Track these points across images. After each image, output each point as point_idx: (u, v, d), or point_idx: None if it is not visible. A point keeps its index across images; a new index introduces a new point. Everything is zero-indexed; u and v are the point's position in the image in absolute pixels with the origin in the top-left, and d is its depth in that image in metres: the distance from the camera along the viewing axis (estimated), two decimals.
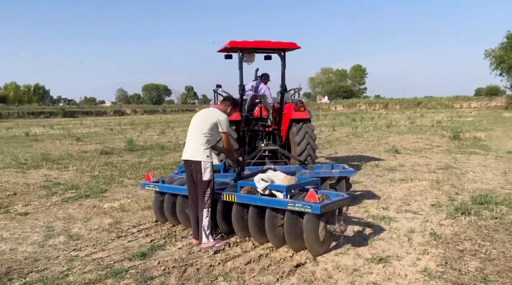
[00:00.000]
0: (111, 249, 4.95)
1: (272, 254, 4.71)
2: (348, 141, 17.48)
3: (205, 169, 4.90)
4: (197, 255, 4.70)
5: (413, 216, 6.13)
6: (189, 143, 5.02)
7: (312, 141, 8.26)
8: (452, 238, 5.11)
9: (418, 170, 10.12)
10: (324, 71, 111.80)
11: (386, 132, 21.57)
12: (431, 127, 23.92)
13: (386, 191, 7.83)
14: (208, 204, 4.89)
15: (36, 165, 11.81)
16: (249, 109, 8.69)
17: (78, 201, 7.42)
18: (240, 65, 8.16)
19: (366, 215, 6.27)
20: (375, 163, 11.19)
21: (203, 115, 5.10)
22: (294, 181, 4.93)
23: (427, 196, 7.35)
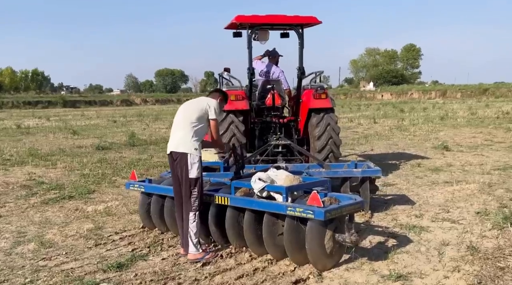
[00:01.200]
0: (85, 258, 5.04)
1: (270, 268, 4.69)
2: (389, 136, 17.22)
3: (192, 164, 4.90)
4: (182, 268, 4.73)
5: (451, 226, 5.98)
6: (174, 133, 5.04)
7: (335, 135, 8.16)
8: (493, 253, 4.95)
9: (468, 170, 9.86)
10: (369, 52, 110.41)
11: (439, 125, 21.14)
12: (496, 119, 23.30)
13: (423, 196, 7.67)
14: (195, 207, 4.90)
15: (21, 161, 12.17)
16: (260, 97, 8.66)
17: (60, 203, 7.60)
18: (249, 44, 8.12)
19: (393, 223, 6.15)
20: (417, 162, 10.97)
21: (191, 103, 5.12)
22: (298, 181, 4.88)
23: (473, 202, 7.16)
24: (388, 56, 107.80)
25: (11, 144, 16.35)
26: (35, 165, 11.60)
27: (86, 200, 7.75)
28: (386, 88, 77.99)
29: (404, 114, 29.73)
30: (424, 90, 70.51)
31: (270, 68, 8.87)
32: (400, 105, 42.69)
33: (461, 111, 30.09)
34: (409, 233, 5.73)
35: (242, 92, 8.12)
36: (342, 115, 30.02)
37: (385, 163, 11.15)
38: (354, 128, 21.09)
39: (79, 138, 18.43)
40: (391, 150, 13.67)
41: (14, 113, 43.75)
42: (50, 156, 13.09)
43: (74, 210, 7.14)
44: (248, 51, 8.16)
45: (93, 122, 28.41)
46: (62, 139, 18.22)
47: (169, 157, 5.07)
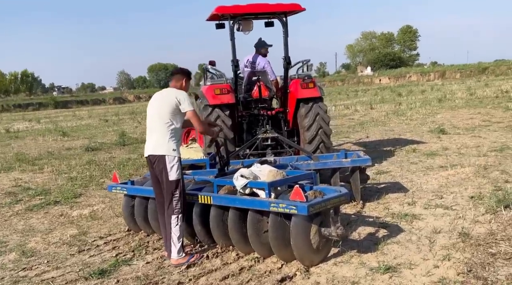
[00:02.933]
0: (67, 266, 5.01)
1: (256, 266, 4.65)
2: (385, 122, 17.16)
3: (171, 166, 4.83)
4: (166, 271, 4.69)
5: (444, 213, 5.94)
6: (151, 135, 4.95)
7: (325, 125, 8.11)
8: (485, 239, 4.92)
9: (464, 153, 9.82)
10: (365, 36, 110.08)
11: (437, 107, 21.06)
12: (495, 99, 23.21)
13: (417, 182, 7.63)
14: (177, 210, 4.83)
15: (8, 167, 12.12)
16: (246, 89, 8.59)
17: (45, 209, 7.55)
18: (231, 36, 8.04)
19: (385, 212, 6.12)
20: (413, 147, 10.93)
21: (159, 99, 4.98)
22: (281, 176, 4.83)
23: (467, 186, 7.12)
24: (385, 39, 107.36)
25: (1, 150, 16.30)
26: (22, 171, 11.54)
27: (72, 205, 7.70)
28: (383, 72, 77.78)
29: (401, 98, 29.64)
30: (423, 72, 70.28)
31: (255, 59, 8.79)
32: (398, 89, 42.59)
33: (460, 92, 29.98)
34: (400, 222, 5.70)
35: (227, 85, 8.06)
36: (339, 102, 29.99)
37: (380, 150, 11.11)
38: (350, 115, 21.02)
39: (69, 140, 18.37)
40: (386, 136, 13.62)
41: (4, 117, 43.65)
42: (38, 160, 13.03)
43: (58, 215, 7.10)
44: (231, 42, 8.08)
45: (84, 122, 28.35)
46: (51, 142, 18.16)
47: (148, 160, 5.00)
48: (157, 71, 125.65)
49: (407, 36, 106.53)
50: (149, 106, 5.05)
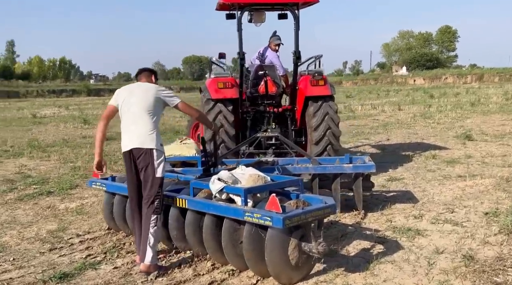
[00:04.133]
0: (32, 266, 4.64)
1: (229, 280, 4.19)
2: (411, 124, 16.39)
3: (159, 162, 4.43)
4: (131, 279, 4.27)
5: (452, 229, 5.34)
6: (133, 128, 4.50)
7: (334, 125, 7.54)
8: (492, 265, 4.31)
9: (488, 163, 9.09)
10: (402, 35, 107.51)
11: (468, 111, 20.11)
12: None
13: (430, 192, 7.01)
14: (158, 210, 4.42)
15: (19, 153, 11.98)
16: (253, 84, 8.09)
17: (36, 199, 7.26)
18: (238, 27, 7.56)
19: (387, 225, 5.56)
20: (433, 153, 10.24)
21: (141, 92, 4.56)
22: (263, 181, 4.33)
23: (484, 200, 6.47)
24: (422, 39, 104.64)
25: (18, 134, 16.27)
26: (31, 157, 11.37)
27: (63, 197, 7.39)
28: (419, 72, 75.68)
29: (433, 100, 28.56)
30: (460, 74, 67.95)
31: (265, 52, 8.29)
32: (431, 90, 41.16)
33: (495, 96, 28.67)
34: (401, 237, 5.13)
35: (231, 79, 7.59)
36: (367, 101, 29.15)
37: (398, 154, 10.47)
38: (376, 115, 20.26)
39: (89, 128, 18.20)
40: (408, 139, 12.91)
41: (37, 102, 44.19)
42: (50, 147, 12.87)
43: (46, 207, 6.78)
44: (238, 33, 7.61)
45: None
46: (71, 129, 18.07)
47: (126, 155, 4.56)
48: (191, 63, 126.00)
49: (446, 37, 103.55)
50: (127, 96, 4.60)
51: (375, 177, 8.03)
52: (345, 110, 22.92)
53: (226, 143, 7.30)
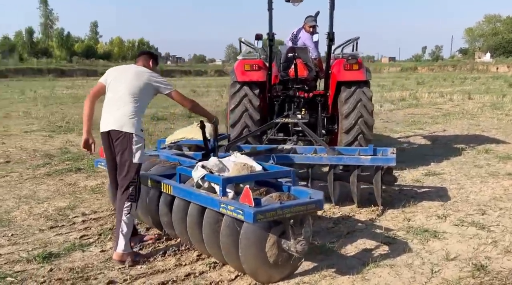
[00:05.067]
0: (26, 243, 4.64)
1: (208, 274, 3.95)
2: (476, 115, 15.24)
3: (137, 148, 4.26)
4: (109, 265, 4.13)
5: (475, 234, 4.77)
6: (114, 109, 4.33)
7: (366, 114, 7.02)
8: (504, 277, 3.78)
9: None
10: (488, 19, 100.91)
11: None
12: None
13: (467, 190, 6.39)
14: (132, 197, 4.25)
15: (71, 129, 12.40)
16: (284, 67, 7.71)
17: (63, 175, 7.38)
18: (269, 5, 7.19)
19: (403, 224, 5.08)
20: (488, 147, 9.39)
21: (131, 74, 4.37)
22: (248, 171, 4.03)
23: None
24: (511, 23, 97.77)
25: (77, 111, 16.83)
26: (80, 133, 11.60)
27: (89, 175, 7.45)
28: (504, 60, 70.85)
29: (511, 89, 26.54)
30: None
31: (298, 33, 7.88)
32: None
33: None
34: (413, 239, 4.66)
35: (259, 61, 7.25)
36: (437, 89, 27.60)
37: (448, 146, 9.71)
38: (441, 104, 19.09)
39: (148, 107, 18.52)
40: (466, 131, 11.98)
41: None
42: None
43: (68, 184, 6.86)
44: (269, 13, 7.24)
45: None
46: None
47: (104, 136, 4.41)
48: None
49: None
50: (115, 79, 4.44)
51: (412, 171, 7.52)
52: (409, 98, 21.85)
53: (250, 128, 7.01)
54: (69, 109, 18.02)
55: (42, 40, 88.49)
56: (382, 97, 22.44)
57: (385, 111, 16.90)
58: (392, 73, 66.97)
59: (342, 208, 5.71)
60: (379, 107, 18.01)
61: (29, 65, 55.86)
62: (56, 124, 13.28)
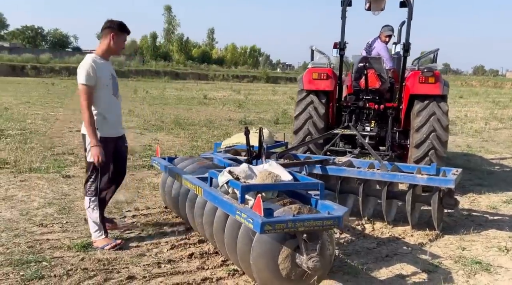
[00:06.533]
0: (75, 231, 4.84)
1: (225, 281, 3.89)
2: None
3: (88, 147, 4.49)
4: (137, 261, 4.22)
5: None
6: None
7: (439, 128, 6.54)
8: None
9: None
10: None
11: None
12: None
13: None
14: (90, 192, 4.54)
15: (161, 127, 13.02)
16: (355, 77, 7.43)
17: (136, 171, 7.73)
18: (343, 14, 7.01)
19: (454, 253, 4.64)
20: None
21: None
22: (272, 180, 3.90)
23: None
24: None
25: (176, 112, 17.65)
26: (168, 133, 12.24)
27: (159, 172, 7.71)
28: None
29: None
30: None
31: (373, 43, 7.56)
32: None
33: None
34: (458, 271, 4.23)
35: (328, 70, 7.08)
36: None
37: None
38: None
39: (240, 112, 18.93)
40: None
41: (220, 84, 47.70)
42: (190, 126, 13.69)
43: (137, 180, 7.17)
44: (342, 21, 7.06)
45: (275, 98, 29.11)
46: (225, 111, 19.00)
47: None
48: None
49: None
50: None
51: (491, 196, 6.89)
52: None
53: (313, 135, 6.87)
54: (169, 109, 18.92)
55: (164, 44, 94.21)
56: (491, 114, 20.86)
57: (489, 130, 15.65)
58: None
59: (394, 229, 5.36)
60: (483, 125, 16.79)
61: (148, 67, 59.65)
62: (151, 123, 14.01)
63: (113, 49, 4.52)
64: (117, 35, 4.46)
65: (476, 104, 28.37)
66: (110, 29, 4.45)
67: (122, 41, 4.53)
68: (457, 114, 20.59)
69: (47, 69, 48.40)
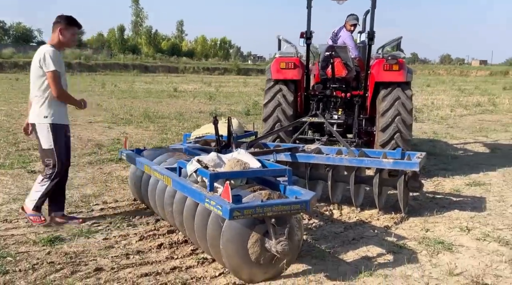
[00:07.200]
0: (42, 226, 4.86)
1: (194, 269, 3.92)
2: None
3: (42, 135, 4.69)
4: (105, 253, 4.21)
5: (495, 250, 4.39)
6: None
7: (404, 112, 6.69)
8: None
9: None
10: None
11: None
12: None
13: (508, 204, 5.94)
14: (48, 175, 4.76)
15: (131, 121, 12.90)
16: (322, 66, 7.52)
17: (103, 164, 7.68)
18: (308, 3, 7.06)
19: (418, 234, 4.79)
20: None
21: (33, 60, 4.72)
22: (240, 168, 3.94)
23: None
24: None
25: (146, 105, 17.49)
26: (137, 126, 12.14)
27: (128, 165, 7.64)
28: None
29: None
30: None
31: (339, 32, 7.66)
32: None
33: None
34: (422, 251, 4.36)
35: (296, 59, 7.13)
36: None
37: (508, 156, 9.05)
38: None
39: (210, 104, 18.90)
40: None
41: (190, 77, 47.36)
42: (160, 119, 13.61)
43: (105, 173, 7.10)
44: (307, 10, 7.12)
45: (246, 90, 29.11)
46: (196, 104, 18.91)
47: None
48: None
49: None
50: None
51: (455, 179, 7.09)
52: (486, 103, 20.59)
53: (282, 122, 6.95)
54: (138, 102, 18.74)
55: (132, 37, 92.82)
56: (457, 102, 21.36)
57: (454, 117, 16.04)
58: (480, 77, 63.42)
59: (361, 213, 5.48)
60: (449, 112, 17.20)
61: (116, 60, 58.75)
62: (119, 116, 13.86)
63: (63, 43, 4.75)
64: (65, 29, 4.71)
65: (443, 92, 29.00)
66: (58, 23, 4.70)
67: (70, 34, 4.75)
68: (424, 102, 21.02)
69: (11, 64, 47.16)
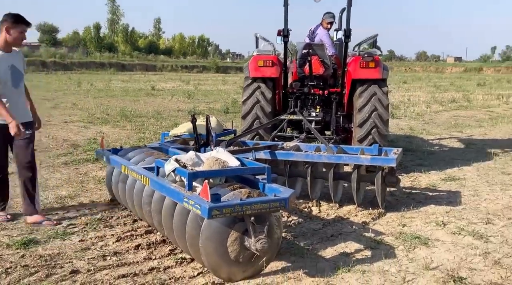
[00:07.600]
0: (15, 229, 4.74)
1: (173, 269, 3.91)
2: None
3: None
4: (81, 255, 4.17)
5: (469, 244, 4.47)
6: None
7: (381, 107, 6.77)
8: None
9: None
10: None
11: None
12: None
13: (481, 198, 6.02)
14: None
15: (107, 120, 12.75)
16: (299, 64, 7.56)
17: (79, 165, 7.58)
18: (285, 1, 7.08)
19: (395, 229, 4.86)
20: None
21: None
22: (219, 166, 3.94)
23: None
24: None
25: (123, 104, 17.30)
26: (114, 126, 12.01)
27: (104, 165, 7.56)
28: None
29: None
30: None
31: (316, 29, 7.70)
32: None
33: None
34: (399, 246, 4.42)
35: (273, 57, 7.15)
36: (497, 91, 26.37)
37: (481, 152, 9.19)
38: (494, 107, 18.20)
39: (189, 102, 18.79)
40: (509, 136, 11.30)
41: (168, 75, 47.02)
42: (137, 118, 13.49)
43: (81, 174, 7.02)
44: (284, 8, 7.14)
45: (225, 88, 29.03)
46: (174, 102, 18.78)
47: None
48: None
49: None
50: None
51: (431, 174, 7.20)
52: (461, 99, 20.93)
53: (261, 120, 6.97)
54: (115, 101, 18.53)
55: (108, 35, 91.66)
56: (432, 98, 21.66)
57: (430, 113, 16.28)
58: (455, 73, 64.47)
59: (340, 209, 5.53)
60: (425, 108, 17.43)
61: (92, 59, 57.98)
62: (96, 116, 13.70)
63: (11, 41, 4.70)
64: (12, 27, 4.67)
65: (419, 89, 29.38)
66: (5, 22, 4.66)
67: (18, 32, 4.70)
68: (401, 99, 21.26)
69: None
